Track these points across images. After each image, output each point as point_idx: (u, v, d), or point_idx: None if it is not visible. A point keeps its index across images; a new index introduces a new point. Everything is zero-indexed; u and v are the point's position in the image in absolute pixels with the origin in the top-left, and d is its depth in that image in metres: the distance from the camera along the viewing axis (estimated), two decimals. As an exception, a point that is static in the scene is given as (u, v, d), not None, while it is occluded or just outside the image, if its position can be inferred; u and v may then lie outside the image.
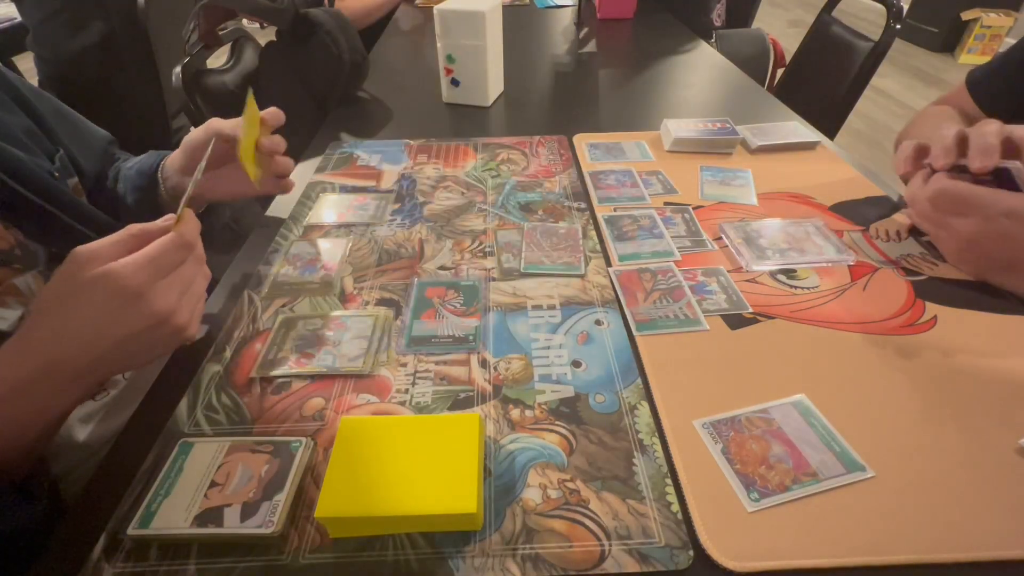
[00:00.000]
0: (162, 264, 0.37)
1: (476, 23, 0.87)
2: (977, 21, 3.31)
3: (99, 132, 0.65)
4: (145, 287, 0.36)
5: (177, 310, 0.38)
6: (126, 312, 0.36)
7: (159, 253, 0.37)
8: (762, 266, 0.55)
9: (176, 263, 0.38)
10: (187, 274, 0.39)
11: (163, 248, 0.37)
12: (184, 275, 0.39)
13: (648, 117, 0.93)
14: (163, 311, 0.37)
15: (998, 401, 0.41)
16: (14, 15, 1.81)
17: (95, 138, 0.64)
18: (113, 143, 0.66)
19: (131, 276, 0.35)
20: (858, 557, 0.33)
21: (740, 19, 1.93)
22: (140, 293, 0.35)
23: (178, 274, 0.38)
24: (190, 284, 0.39)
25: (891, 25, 1.12)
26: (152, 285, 0.36)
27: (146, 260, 0.36)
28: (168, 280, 0.37)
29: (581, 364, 0.46)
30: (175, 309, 0.38)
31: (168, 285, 0.37)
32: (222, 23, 0.93)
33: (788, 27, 4.16)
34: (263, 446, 0.38)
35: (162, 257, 0.37)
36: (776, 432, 0.39)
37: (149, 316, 0.36)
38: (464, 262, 0.57)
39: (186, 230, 0.39)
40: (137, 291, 0.35)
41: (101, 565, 0.33)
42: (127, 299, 0.35)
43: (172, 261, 0.38)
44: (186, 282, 0.39)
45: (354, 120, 0.93)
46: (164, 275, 0.37)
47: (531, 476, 0.37)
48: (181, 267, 0.39)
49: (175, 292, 0.38)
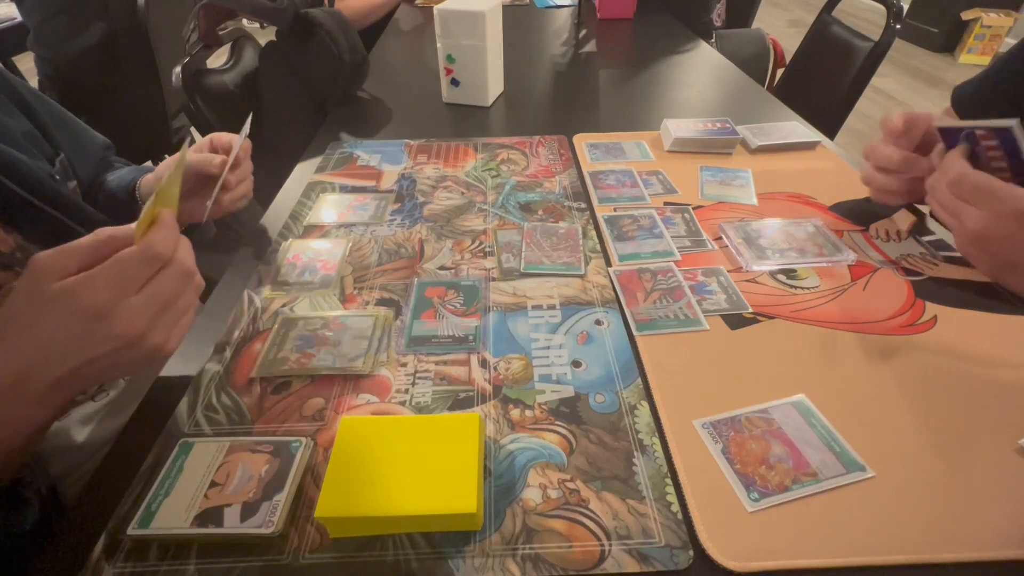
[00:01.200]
0: (126, 280, 0.33)
1: (476, 23, 0.87)
2: (977, 21, 3.31)
3: (97, 138, 0.65)
4: (109, 306, 0.32)
5: (149, 331, 0.33)
6: (90, 332, 0.32)
7: (118, 269, 0.32)
8: (762, 266, 0.55)
9: (143, 277, 0.33)
10: (163, 289, 0.34)
11: (123, 263, 0.33)
12: (159, 291, 0.34)
13: (648, 117, 0.93)
14: (130, 333, 0.33)
15: (998, 401, 0.41)
16: (14, 15, 1.81)
17: (93, 143, 0.64)
18: (110, 148, 0.66)
19: (92, 294, 0.31)
20: (858, 557, 0.33)
21: (740, 19, 1.93)
22: (103, 313, 0.32)
23: (152, 290, 0.34)
24: (168, 300, 0.35)
25: (891, 25, 1.12)
26: (117, 304, 0.32)
27: (104, 277, 0.32)
28: (139, 298, 0.33)
29: (581, 364, 0.46)
30: (145, 331, 0.33)
31: (138, 304, 0.33)
32: (222, 23, 0.93)
33: (788, 27, 4.16)
34: (263, 446, 0.38)
35: (125, 272, 0.33)
36: (776, 432, 0.39)
37: (115, 338, 0.32)
38: (464, 262, 0.57)
39: (156, 239, 0.34)
40: (99, 311, 0.32)
41: (101, 565, 0.33)
42: (88, 320, 0.32)
43: (137, 276, 0.33)
44: (162, 299, 0.34)
45: (354, 120, 0.93)
46: (131, 292, 0.33)
47: (531, 476, 0.37)
48: (155, 281, 0.34)
49: (146, 312, 0.33)
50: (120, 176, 0.62)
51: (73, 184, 0.55)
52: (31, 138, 0.52)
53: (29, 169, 0.46)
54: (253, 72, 1.02)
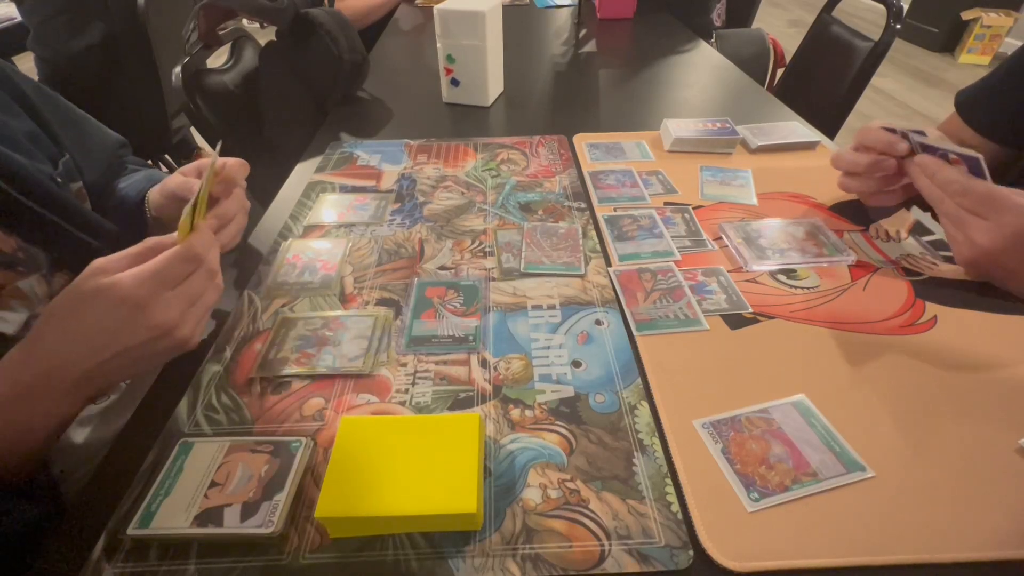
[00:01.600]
0: (166, 276, 0.37)
1: (476, 23, 0.87)
2: (977, 21, 3.31)
3: (109, 136, 0.64)
4: (147, 299, 0.36)
5: (180, 323, 0.38)
6: (128, 323, 0.36)
7: (163, 266, 0.37)
8: (762, 266, 0.55)
9: (182, 275, 0.38)
10: (194, 287, 0.39)
11: (167, 261, 0.37)
12: (191, 288, 0.39)
13: (648, 117, 0.93)
14: (165, 323, 0.37)
15: (998, 401, 0.41)
16: (14, 15, 1.81)
17: (103, 143, 0.63)
18: (124, 147, 0.65)
19: (134, 288, 0.36)
20: (858, 557, 0.33)
21: (740, 19, 1.93)
22: (142, 305, 0.36)
23: (184, 287, 0.38)
24: (197, 297, 0.39)
25: (891, 25, 1.12)
26: (155, 297, 0.36)
27: (149, 273, 0.36)
28: (173, 293, 0.37)
29: (581, 364, 0.46)
30: (178, 322, 0.38)
31: (172, 298, 0.37)
32: (222, 23, 0.93)
33: (788, 27, 4.16)
34: (263, 446, 0.38)
35: (166, 270, 0.37)
36: (776, 432, 0.39)
37: (151, 328, 0.36)
38: (464, 262, 0.57)
39: (196, 242, 0.39)
40: (139, 303, 0.36)
41: (101, 565, 0.33)
42: (129, 310, 0.36)
43: (177, 274, 0.38)
44: (192, 295, 0.39)
45: (354, 120, 0.93)
46: (168, 287, 0.37)
47: (531, 476, 0.37)
48: (188, 280, 0.39)
49: (179, 305, 0.38)
50: (133, 183, 0.61)
51: (77, 185, 0.55)
52: (33, 138, 0.51)
53: (28, 172, 0.46)
54: (253, 72, 1.02)
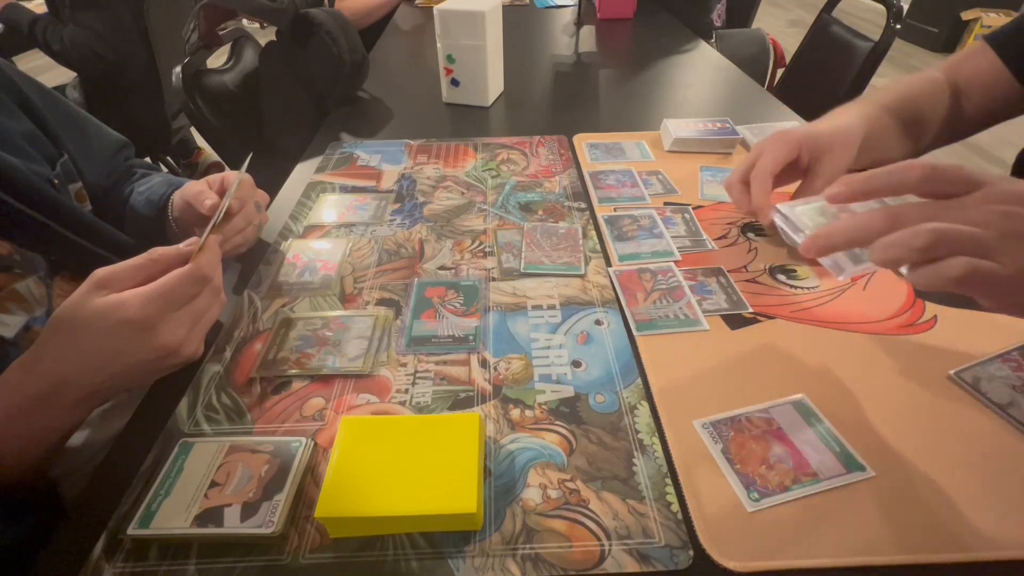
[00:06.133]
0: (175, 297, 0.37)
1: (476, 23, 0.87)
2: (977, 21, 3.31)
3: (111, 137, 0.64)
4: (155, 320, 0.36)
5: (186, 342, 0.38)
6: (134, 343, 0.36)
7: (173, 287, 0.37)
8: (858, 268, 0.37)
9: (190, 296, 0.38)
10: (201, 306, 0.39)
11: (178, 281, 0.37)
12: (197, 307, 0.38)
13: (648, 117, 0.93)
14: (171, 344, 0.37)
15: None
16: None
17: (105, 143, 0.62)
18: (127, 147, 0.65)
19: (141, 308, 0.35)
20: (858, 557, 0.33)
21: (740, 19, 1.93)
22: (149, 326, 0.35)
23: (191, 306, 0.38)
24: (203, 315, 0.39)
25: (891, 25, 1.12)
26: (163, 318, 0.36)
27: (158, 293, 0.36)
28: (180, 313, 0.37)
29: (581, 364, 0.46)
30: (184, 341, 0.37)
31: (179, 318, 0.37)
32: (222, 23, 0.93)
33: (788, 27, 4.16)
34: (263, 446, 0.38)
35: (176, 290, 0.37)
36: (776, 432, 0.39)
37: (157, 348, 0.36)
38: (464, 262, 0.57)
39: (204, 261, 0.39)
40: (146, 323, 0.35)
41: (101, 565, 0.33)
42: (136, 331, 0.35)
43: (186, 294, 0.37)
44: (198, 314, 0.39)
45: (354, 120, 0.93)
46: (176, 308, 0.37)
47: (531, 476, 0.37)
48: (195, 299, 0.38)
49: (185, 324, 0.37)
50: (151, 189, 0.60)
51: (77, 186, 0.55)
52: (31, 138, 0.51)
53: (22, 175, 0.46)
54: (253, 72, 1.02)
